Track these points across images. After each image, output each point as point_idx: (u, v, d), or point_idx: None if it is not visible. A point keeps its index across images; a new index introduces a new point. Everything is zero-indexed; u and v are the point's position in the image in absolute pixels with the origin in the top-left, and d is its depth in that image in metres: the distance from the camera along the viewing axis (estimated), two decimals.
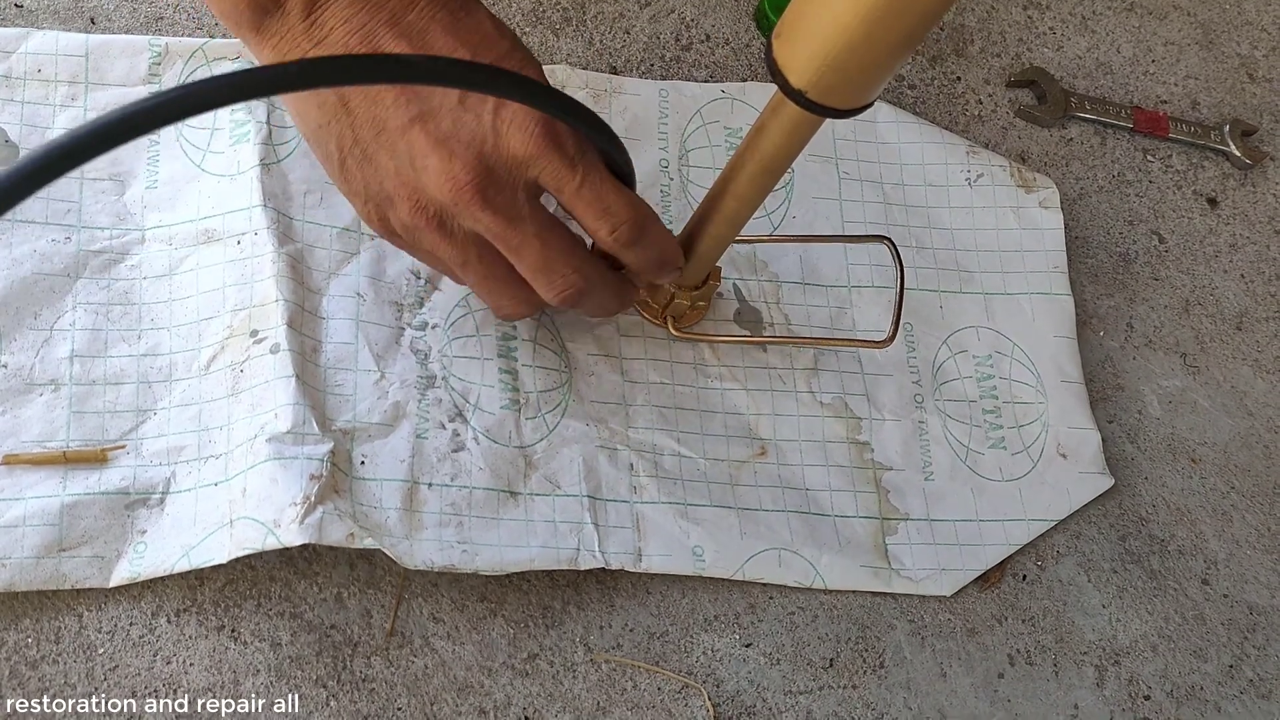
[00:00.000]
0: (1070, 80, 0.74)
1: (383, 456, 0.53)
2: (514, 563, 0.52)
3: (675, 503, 0.56)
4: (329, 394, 0.53)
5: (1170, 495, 0.63)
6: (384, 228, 0.49)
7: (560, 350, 0.58)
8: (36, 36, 0.58)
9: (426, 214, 0.47)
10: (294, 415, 0.51)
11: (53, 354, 0.53)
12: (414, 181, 0.46)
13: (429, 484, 0.53)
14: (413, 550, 0.51)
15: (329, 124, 0.47)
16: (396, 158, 0.46)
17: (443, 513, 0.53)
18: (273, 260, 0.55)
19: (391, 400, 0.54)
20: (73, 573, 0.49)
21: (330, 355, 0.54)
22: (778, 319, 0.62)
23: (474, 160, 0.45)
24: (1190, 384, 0.67)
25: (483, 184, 0.46)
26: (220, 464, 0.52)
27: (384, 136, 0.46)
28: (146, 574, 0.49)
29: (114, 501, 0.50)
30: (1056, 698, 0.57)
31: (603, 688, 0.53)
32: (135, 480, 0.51)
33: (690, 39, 0.69)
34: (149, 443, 0.52)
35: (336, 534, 0.49)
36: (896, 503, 0.59)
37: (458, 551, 0.52)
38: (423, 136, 0.45)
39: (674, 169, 0.64)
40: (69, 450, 0.51)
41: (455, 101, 0.45)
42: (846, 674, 0.55)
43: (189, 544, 0.50)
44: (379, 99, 0.46)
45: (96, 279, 0.55)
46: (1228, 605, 0.61)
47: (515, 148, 0.46)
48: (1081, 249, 0.69)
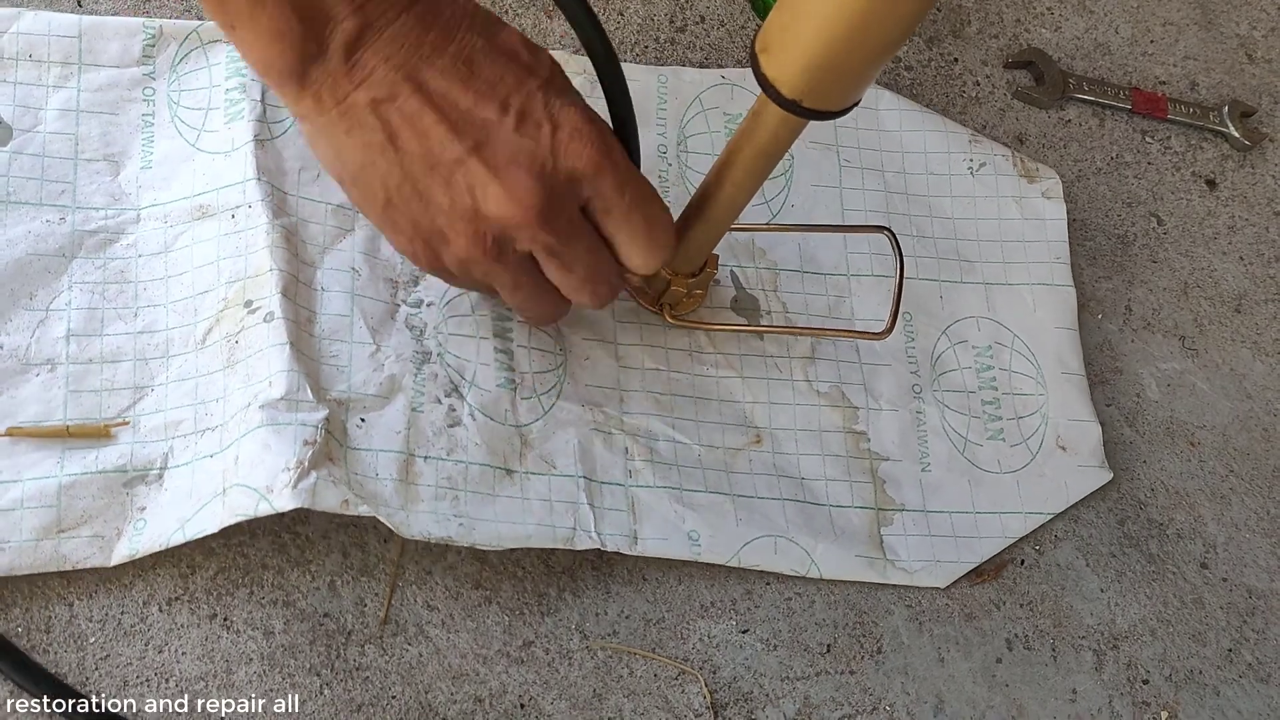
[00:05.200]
0: (1068, 61, 0.73)
1: (378, 428, 0.53)
2: (511, 538, 0.52)
3: (671, 487, 0.55)
4: (323, 364, 0.53)
5: (1169, 479, 0.63)
6: (433, 263, 0.50)
7: (556, 334, 0.58)
8: (28, 16, 0.58)
9: (484, 243, 0.47)
10: (288, 382, 0.51)
11: (49, 334, 0.53)
12: (472, 212, 0.46)
13: (425, 457, 0.53)
14: (409, 520, 0.51)
15: (373, 163, 0.46)
16: (452, 190, 0.46)
17: (439, 486, 0.52)
18: (267, 232, 0.54)
19: (387, 373, 0.54)
20: (73, 553, 0.49)
21: (325, 326, 0.54)
22: (775, 307, 0.61)
23: (536, 183, 0.46)
24: (1189, 367, 0.66)
25: (545, 206, 0.46)
26: (216, 436, 0.51)
27: (438, 171, 0.46)
28: (144, 550, 0.49)
29: (112, 480, 0.50)
30: (1055, 682, 0.57)
31: (599, 675, 0.52)
32: (133, 457, 0.51)
33: (685, 20, 0.68)
34: (146, 419, 0.52)
35: (330, 500, 0.49)
36: (892, 493, 0.59)
37: (455, 524, 0.51)
38: (481, 166, 0.46)
39: (672, 155, 0.64)
40: (72, 426, 0.51)
41: (511, 127, 0.46)
42: (844, 660, 0.55)
43: (184, 517, 0.49)
44: (429, 133, 0.45)
45: (92, 258, 0.55)
46: (1226, 589, 0.61)
47: (574, 166, 0.47)
48: (1080, 231, 0.68)
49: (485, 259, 0.48)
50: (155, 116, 0.58)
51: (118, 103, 0.58)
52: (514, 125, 0.46)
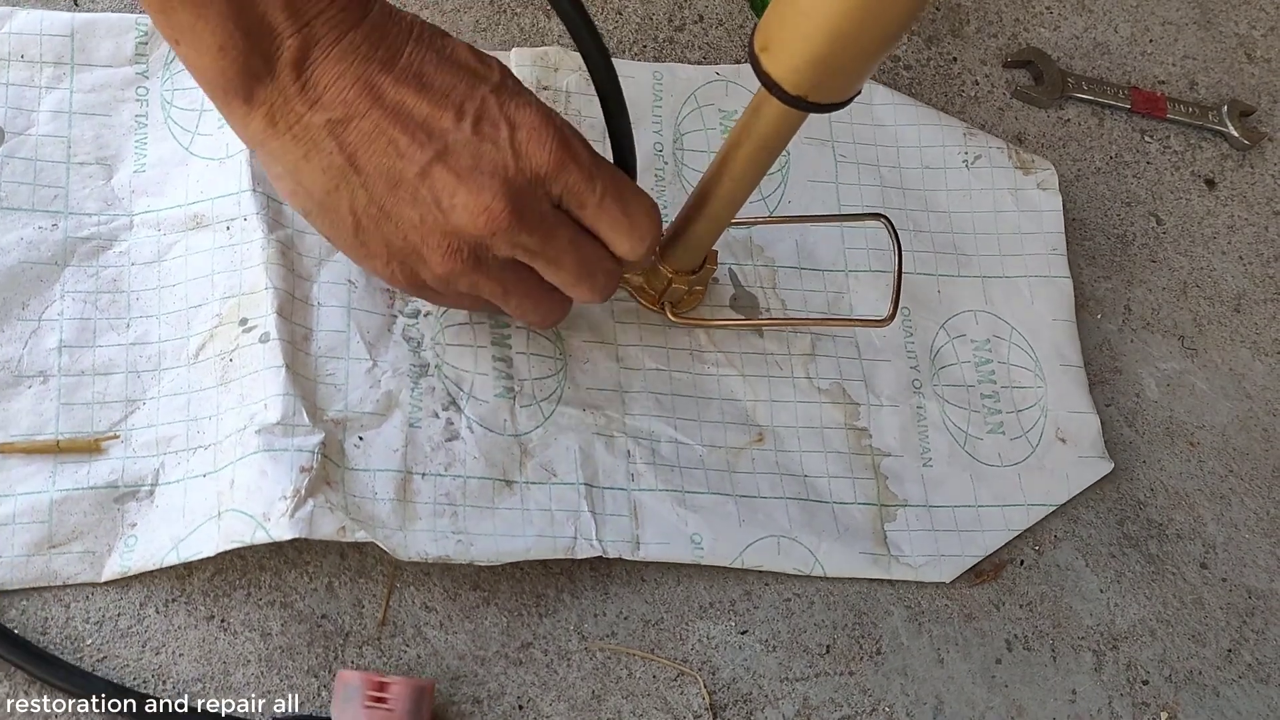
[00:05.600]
0: (1067, 60, 0.73)
1: (375, 446, 0.52)
2: (510, 553, 0.52)
3: (673, 490, 0.55)
4: (320, 383, 0.53)
5: (1168, 479, 0.63)
6: (413, 283, 0.49)
7: (555, 337, 0.57)
8: (20, 16, 0.57)
9: (461, 255, 0.47)
10: (284, 406, 0.51)
11: (41, 345, 0.52)
12: (443, 224, 0.46)
13: (422, 474, 0.52)
14: (406, 541, 0.50)
15: (337, 188, 0.45)
16: (419, 205, 0.46)
17: (437, 503, 0.52)
18: (262, 247, 0.54)
19: (384, 389, 0.54)
20: (64, 569, 0.49)
21: (321, 343, 0.54)
22: (774, 304, 0.61)
23: (502, 187, 0.45)
24: (1188, 366, 0.66)
25: (514, 208, 0.46)
26: (209, 455, 0.51)
27: (402, 187, 0.45)
28: (137, 568, 0.49)
29: (103, 495, 0.50)
30: (1054, 683, 0.56)
31: (597, 676, 0.52)
32: (124, 473, 0.51)
33: (683, 19, 0.68)
34: (138, 433, 0.52)
35: (327, 528, 0.49)
36: (895, 489, 0.58)
37: (452, 542, 0.51)
38: (446, 175, 0.45)
39: (669, 153, 0.63)
40: (62, 440, 0.50)
41: (469, 132, 0.45)
42: (843, 660, 0.55)
43: (178, 536, 0.49)
44: (389, 149, 0.45)
45: (84, 266, 0.54)
46: (1226, 589, 0.61)
47: (537, 165, 0.46)
48: (1079, 231, 0.68)
49: (465, 271, 0.47)
50: (149, 118, 0.58)
51: (111, 103, 0.58)
52: (471, 130, 0.45)
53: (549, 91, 0.62)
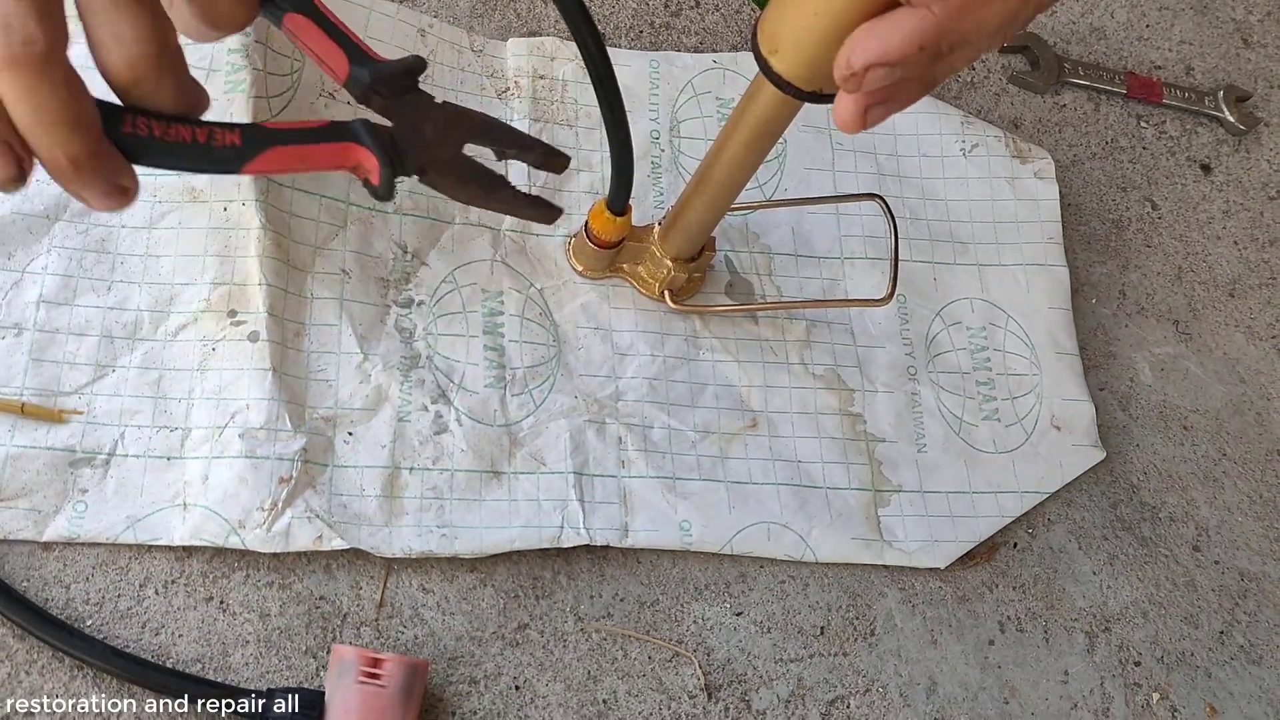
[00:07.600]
0: (1063, 46, 0.73)
1: (365, 442, 0.53)
2: (494, 545, 0.52)
3: (664, 477, 0.55)
4: (312, 380, 0.53)
5: (1162, 462, 0.63)
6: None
7: (549, 324, 0.58)
8: None
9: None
10: (268, 410, 0.51)
11: (21, 297, 0.52)
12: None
13: (410, 469, 0.53)
14: (390, 538, 0.51)
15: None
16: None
17: (423, 497, 0.52)
18: (258, 237, 0.54)
19: (374, 384, 0.54)
20: (6, 524, 0.48)
21: (314, 339, 0.54)
22: (770, 291, 0.62)
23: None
24: (1182, 351, 0.67)
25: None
26: (175, 438, 0.51)
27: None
28: (87, 537, 0.49)
29: (59, 458, 0.50)
30: (1047, 664, 0.57)
31: (593, 657, 0.53)
32: (83, 438, 0.50)
33: (680, 5, 0.68)
34: (102, 400, 0.51)
35: (304, 539, 0.50)
36: (889, 474, 0.59)
37: (436, 536, 0.52)
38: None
39: (665, 140, 0.64)
40: (26, 404, 0.50)
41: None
42: (837, 642, 0.55)
43: (135, 515, 0.49)
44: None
45: (75, 222, 0.54)
46: (1219, 572, 0.61)
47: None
48: (1074, 216, 0.68)
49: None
50: None
51: None
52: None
53: (545, 80, 0.63)
